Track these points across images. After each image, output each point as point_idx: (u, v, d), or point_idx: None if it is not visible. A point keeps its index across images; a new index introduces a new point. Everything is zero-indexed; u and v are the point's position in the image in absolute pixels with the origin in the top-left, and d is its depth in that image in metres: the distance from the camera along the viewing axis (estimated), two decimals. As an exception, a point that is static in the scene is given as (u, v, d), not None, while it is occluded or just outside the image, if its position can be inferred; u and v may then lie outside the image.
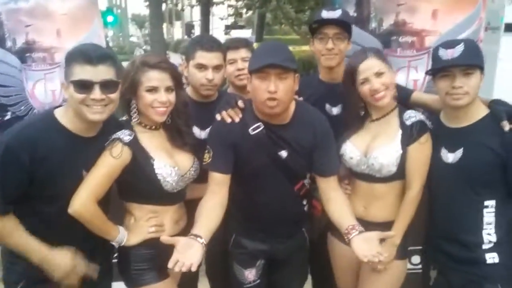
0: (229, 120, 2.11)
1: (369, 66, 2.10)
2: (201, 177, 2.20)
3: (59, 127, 1.91)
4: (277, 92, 1.94)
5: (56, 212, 1.90)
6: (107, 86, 1.86)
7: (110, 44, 24.77)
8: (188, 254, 1.72)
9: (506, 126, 1.95)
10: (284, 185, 2.12)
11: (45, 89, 2.98)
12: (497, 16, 5.89)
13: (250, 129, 2.06)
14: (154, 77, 2.00)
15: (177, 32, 50.16)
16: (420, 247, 2.44)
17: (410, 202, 2.14)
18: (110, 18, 22.81)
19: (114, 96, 1.91)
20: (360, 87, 2.13)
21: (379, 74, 2.09)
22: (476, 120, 2.04)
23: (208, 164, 2.10)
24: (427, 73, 2.18)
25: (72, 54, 1.87)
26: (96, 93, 1.84)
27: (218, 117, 2.14)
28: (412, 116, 2.13)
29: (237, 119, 2.10)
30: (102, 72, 1.85)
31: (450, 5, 2.79)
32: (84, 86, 1.83)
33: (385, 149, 2.10)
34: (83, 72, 1.83)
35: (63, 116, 1.93)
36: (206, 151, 2.12)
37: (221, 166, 2.09)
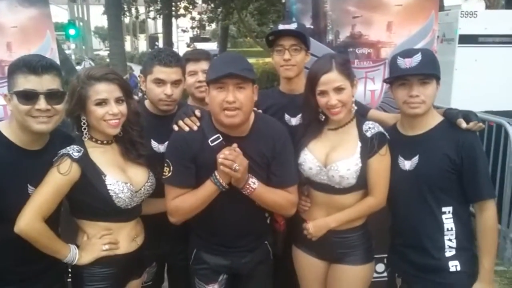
0: (186, 129, 2.07)
1: (331, 79, 2.08)
2: (158, 192, 2.15)
3: (2, 139, 1.84)
4: (236, 102, 1.93)
5: (1, 230, 1.82)
6: (52, 96, 1.81)
7: (73, 57, 24.28)
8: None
9: (463, 123, 1.99)
10: (245, 196, 2.08)
11: (-4, 104, 2.87)
12: (452, 28, 6.10)
13: (209, 140, 2.03)
14: (102, 90, 1.94)
15: (142, 44, 49.89)
16: (384, 255, 2.46)
17: (366, 204, 2.17)
18: (72, 31, 22.47)
19: (60, 107, 1.86)
20: (318, 97, 2.13)
21: (338, 90, 2.08)
22: (431, 127, 2.08)
23: (168, 178, 2.05)
24: (385, 81, 2.21)
25: (15, 65, 1.81)
26: (41, 103, 1.78)
27: (175, 127, 2.10)
28: (372, 127, 2.15)
29: (195, 128, 2.07)
30: (47, 82, 1.79)
31: (404, 18, 2.89)
32: (28, 96, 1.77)
33: (345, 161, 2.11)
34: (27, 82, 1.77)
35: (6, 129, 1.86)
36: (165, 164, 2.07)
37: (183, 180, 2.05)
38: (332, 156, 2.15)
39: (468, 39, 6.04)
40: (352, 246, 2.22)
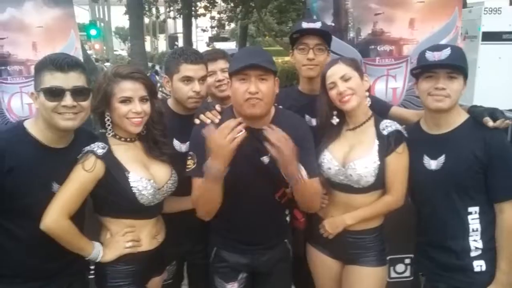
0: (208, 121, 2.09)
1: (336, 71, 2.12)
2: (180, 190, 2.16)
3: (28, 137, 1.87)
4: (258, 93, 1.93)
5: (27, 228, 1.85)
6: (78, 93, 1.84)
7: (94, 56, 24.64)
8: None
9: (489, 121, 1.96)
10: (265, 192, 2.09)
11: (22, 103, 2.93)
12: (475, 25, 6.00)
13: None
14: (128, 88, 1.97)
15: (161, 44, 50.32)
16: (403, 256, 2.44)
17: (383, 203, 2.16)
18: (93, 31, 22.80)
19: (86, 103, 1.88)
20: (329, 92, 2.14)
21: (346, 79, 2.10)
22: (456, 125, 2.04)
23: (193, 170, 2.04)
24: (411, 72, 2.17)
25: (41, 63, 1.84)
26: (68, 100, 1.81)
27: (196, 121, 2.12)
28: (389, 125, 2.14)
29: (216, 120, 2.08)
30: (73, 79, 1.82)
31: (427, 14, 2.86)
32: (55, 93, 1.80)
33: (363, 160, 2.10)
34: (54, 79, 1.80)
35: (32, 127, 1.89)
36: (189, 157, 2.07)
37: None
38: (350, 155, 2.14)
39: (491, 36, 5.93)
40: (365, 248, 2.21)
